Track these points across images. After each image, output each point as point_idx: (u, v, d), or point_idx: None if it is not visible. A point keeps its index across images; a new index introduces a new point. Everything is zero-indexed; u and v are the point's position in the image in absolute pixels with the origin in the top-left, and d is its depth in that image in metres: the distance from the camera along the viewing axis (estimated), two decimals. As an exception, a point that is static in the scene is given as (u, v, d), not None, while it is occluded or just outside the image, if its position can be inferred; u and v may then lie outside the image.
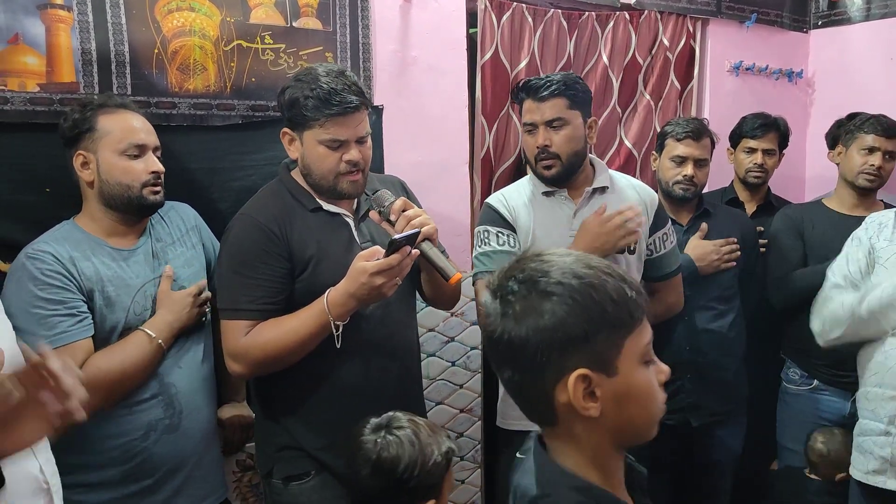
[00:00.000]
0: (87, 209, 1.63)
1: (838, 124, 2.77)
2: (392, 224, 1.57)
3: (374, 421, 1.43)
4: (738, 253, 2.24)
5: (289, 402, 1.67)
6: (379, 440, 1.37)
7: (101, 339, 1.56)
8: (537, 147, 1.84)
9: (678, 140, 2.25)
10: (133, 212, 1.63)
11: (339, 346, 1.55)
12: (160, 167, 1.64)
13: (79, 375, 1.10)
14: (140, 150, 1.61)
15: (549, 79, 1.84)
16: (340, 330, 1.55)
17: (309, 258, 1.61)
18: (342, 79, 1.57)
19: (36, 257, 1.51)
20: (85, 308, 1.54)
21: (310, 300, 1.57)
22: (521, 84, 1.90)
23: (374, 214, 1.59)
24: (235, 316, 1.58)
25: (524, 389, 0.90)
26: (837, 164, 2.52)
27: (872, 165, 2.29)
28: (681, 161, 2.25)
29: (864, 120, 2.34)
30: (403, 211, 1.57)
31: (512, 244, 1.87)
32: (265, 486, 1.76)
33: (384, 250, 1.49)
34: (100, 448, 1.56)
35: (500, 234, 1.88)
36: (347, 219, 1.69)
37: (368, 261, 1.49)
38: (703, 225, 2.27)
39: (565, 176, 1.87)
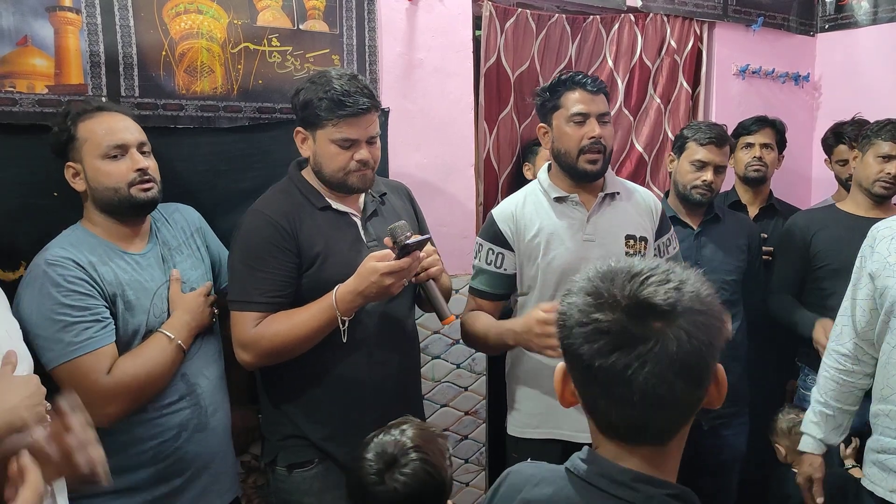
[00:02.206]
0: (88, 216, 1.63)
1: (834, 129, 2.78)
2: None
3: (372, 455, 1.31)
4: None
5: (293, 393, 1.72)
6: (395, 485, 1.27)
7: (124, 343, 1.56)
8: (590, 137, 1.84)
9: (701, 145, 2.26)
10: (128, 213, 1.61)
11: (345, 341, 1.62)
12: (145, 163, 1.60)
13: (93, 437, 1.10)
14: (121, 150, 1.57)
15: (590, 75, 1.89)
16: (347, 325, 1.60)
17: (316, 254, 1.65)
18: (354, 82, 1.63)
19: (57, 263, 1.50)
20: (108, 314, 1.53)
21: (315, 295, 1.62)
22: (564, 77, 1.89)
23: (388, 241, 1.63)
24: (246, 307, 1.63)
25: (688, 404, 0.83)
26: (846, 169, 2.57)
27: (889, 174, 2.25)
28: (702, 166, 2.26)
29: (882, 126, 2.28)
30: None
31: (500, 264, 1.89)
32: (269, 474, 1.80)
33: (394, 253, 1.56)
34: (133, 451, 1.57)
35: (490, 252, 1.90)
36: (355, 218, 1.74)
37: (379, 262, 1.54)
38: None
39: (604, 172, 1.90)
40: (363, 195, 1.78)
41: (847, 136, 2.64)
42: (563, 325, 0.85)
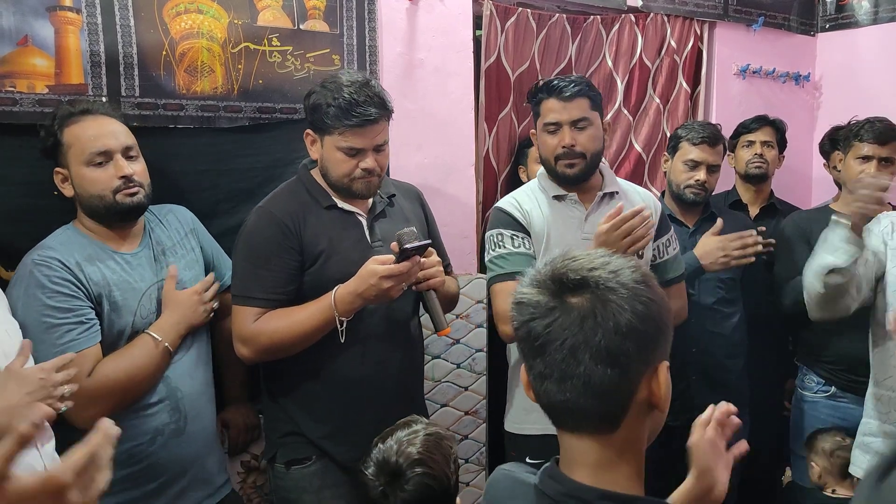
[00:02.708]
0: (80, 219, 1.63)
1: (829, 134, 2.78)
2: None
3: (374, 469, 1.31)
4: (758, 247, 2.15)
5: (292, 391, 1.73)
6: (397, 502, 1.28)
7: (110, 344, 1.56)
8: (562, 147, 1.84)
9: (694, 144, 2.26)
10: (114, 219, 1.60)
11: (342, 341, 1.63)
12: (129, 170, 1.57)
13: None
14: (105, 157, 1.56)
15: (571, 79, 1.85)
16: (345, 326, 1.61)
17: (319, 252, 1.67)
18: (365, 90, 1.62)
19: (43, 264, 1.50)
20: (93, 315, 1.53)
21: (317, 293, 1.63)
22: (541, 84, 1.89)
23: (394, 246, 1.63)
24: (247, 303, 1.65)
25: (607, 389, 0.82)
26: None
27: (868, 174, 2.24)
28: (694, 165, 2.26)
29: (860, 126, 2.28)
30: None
31: (528, 246, 1.85)
32: (269, 471, 1.81)
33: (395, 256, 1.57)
34: None
35: (514, 237, 1.86)
36: (361, 218, 1.74)
37: (380, 265, 1.55)
38: (719, 221, 2.20)
39: (587, 175, 1.88)
40: None
41: (842, 141, 2.65)
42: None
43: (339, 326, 1.61)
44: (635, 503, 0.85)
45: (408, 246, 1.55)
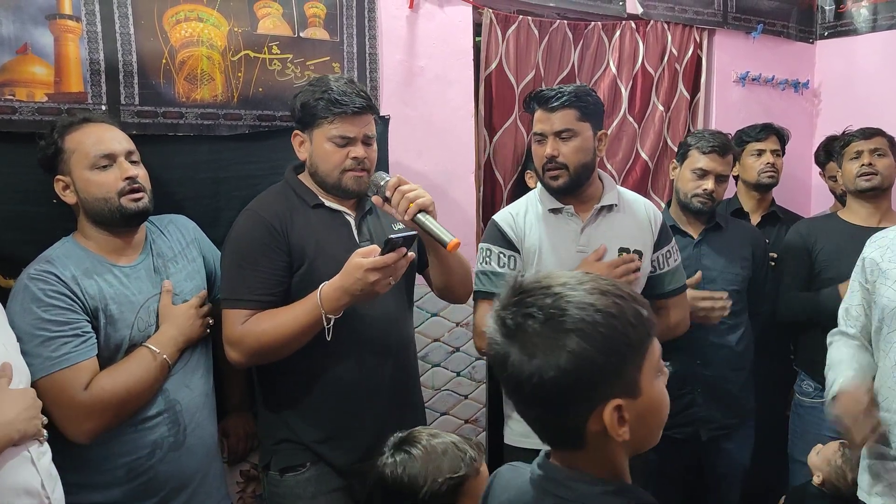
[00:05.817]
0: (81, 228, 1.62)
1: (824, 144, 2.81)
2: (389, 201, 1.63)
3: (399, 433, 1.43)
4: (724, 312, 2.14)
5: (287, 397, 1.72)
6: (385, 461, 1.38)
7: (107, 358, 1.54)
8: (545, 157, 1.84)
9: (703, 153, 2.24)
10: (119, 224, 1.59)
11: (329, 340, 1.60)
12: (134, 171, 1.58)
13: None
14: (109, 160, 1.56)
15: (560, 90, 1.84)
16: (332, 324, 1.58)
17: (307, 253, 1.67)
18: (351, 84, 1.69)
19: (39, 278, 1.49)
20: (89, 328, 1.52)
21: (306, 294, 1.62)
22: (532, 94, 1.89)
23: (376, 199, 1.64)
24: (235, 305, 1.64)
25: (552, 424, 0.91)
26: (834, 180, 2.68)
27: (863, 165, 2.31)
28: (702, 174, 2.24)
29: (851, 133, 2.42)
30: (398, 186, 1.63)
31: (512, 266, 1.87)
32: (263, 477, 1.80)
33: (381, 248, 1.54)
34: (105, 467, 1.54)
35: (501, 255, 1.88)
36: (349, 217, 1.75)
37: (364, 258, 1.53)
38: (697, 274, 2.21)
39: (573, 187, 1.86)
40: None
41: (836, 152, 2.66)
42: None
43: (325, 324, 1.57)
44: (608, 485, 0.89)
45: (393, 236, 1.50)
